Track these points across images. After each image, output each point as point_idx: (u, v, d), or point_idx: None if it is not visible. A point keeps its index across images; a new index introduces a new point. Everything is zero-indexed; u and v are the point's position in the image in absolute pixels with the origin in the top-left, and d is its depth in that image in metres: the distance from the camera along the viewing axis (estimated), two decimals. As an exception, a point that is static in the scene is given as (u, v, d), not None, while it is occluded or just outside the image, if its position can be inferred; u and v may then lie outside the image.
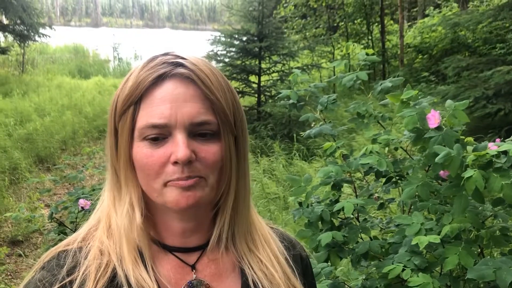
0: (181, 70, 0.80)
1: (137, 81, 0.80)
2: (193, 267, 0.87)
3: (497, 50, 9.72)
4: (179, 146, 0.77)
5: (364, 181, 2.32)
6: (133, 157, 0.82)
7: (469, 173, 1.40)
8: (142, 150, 0.80)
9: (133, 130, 0.81)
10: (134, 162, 0.82)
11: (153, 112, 0.78)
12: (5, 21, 15.01)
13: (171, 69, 0.80)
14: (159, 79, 0.80)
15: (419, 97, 1.75)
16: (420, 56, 12.95)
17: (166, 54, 0.84)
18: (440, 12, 14.82)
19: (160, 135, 0.79)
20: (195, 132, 0.80)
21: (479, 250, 1.77)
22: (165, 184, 0.79)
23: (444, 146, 1.53)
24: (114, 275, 0.81)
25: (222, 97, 0.81)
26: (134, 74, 0.82)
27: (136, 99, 0.80)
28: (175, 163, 0.78)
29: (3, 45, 15.33)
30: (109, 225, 0.86)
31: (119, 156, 0.84)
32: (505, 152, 1.48)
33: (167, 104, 0.78)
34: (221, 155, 0.81)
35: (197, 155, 0.79)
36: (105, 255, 0.83)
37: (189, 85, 0.80)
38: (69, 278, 0.80)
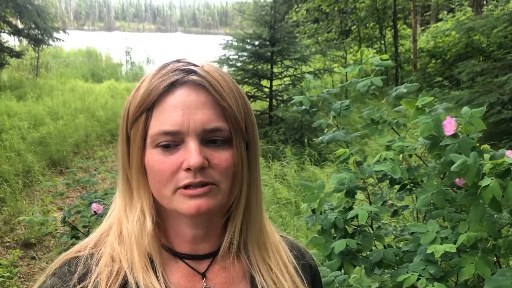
0: (193, 77, 0.80)
1: (149, 88, 0.81)
2: (203, 275, 0.87)
3: (512, 55, 9.61)
4: (191, 153, 0.77)
5: (377, 186, 2.29)
6: (145, 164, 0.82)
7: (486, 181, 1.38)
8: (154, 157, 0.80)
9: (146, 137, 0.81)
10: (146, 168, 0.82)
11: (165, 119, 0.79)
12: (20, 25, 15.22)
13: (183, 76, 0.80)
14: (171, 87, 0.80)
15: (434, 103, 1.73)
16: (433, 61, 12.86)
17: (177, 61, 0.84)
18: (453, 16, 14.71)
19: (172, 142, 0.79)
20: (207, 138, 0.80)
21: (495, 259, 1.74)
22: (176, 191, 0.79)
23: (460, 153, 1.51)
24: (125, 283, 0.81)
25: (233, 104, 0.81)
26: (146, 81, 0.82)
27: (148, 107, 0.80)
28: (188, 169, 0.78)
29: (18, 49, 15.53)
30: (120, 231, 0.86)
31: (131, 163, 0.84)
32: (523, 160, 1.45)
33: (179, 111, 0.78)
34: (234, 161, 0.81)
35: (210, 162, 0.79)
36: (116, 262, 0.82)
37: (201, 92, 0.80)
38: (80, 285, 0.80)
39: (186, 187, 0.79)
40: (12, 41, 16.17)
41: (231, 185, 0.82)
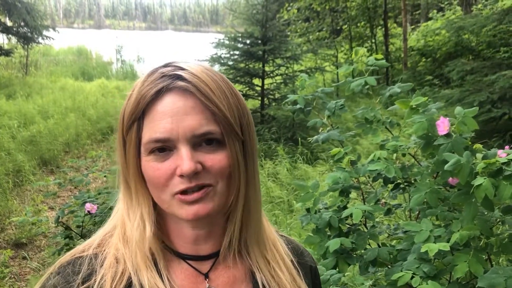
0: (179, 83, 0.80)
1: (138, 97, 0.81)
2: (206, 275, 0.88)
3: (501, 53, 9.70)
4: (183, 160, 0.77)
5: (369, 184, 2.31)
6: (142, 170, 0.83)
7: (479, 181, 1.40)
8: (149, 164, 0.80)
9: (139, 145, 0.82)
10: (144, 175, 0.83)
11: (155, 127, 0.79)
12: (9, 23, 15.07)
13: (169, 82, 0.80)
14: (159, 94, 0.80)
15: (428, 103, 1.74)
16: (423, 60, 12.95)
17: (166, 65, 0.84)
18: (443, 15, 14.82)
19: (166, 147, 0.80)
20: (200, 142, 0.80)
21: (486, 257, 1.76)
22: (173, 196, 0.80)
23: (454, 153, 1.53)
24: (129, 284, 0.81)
25: (224, 105, 0.80)
26: (136, 89, 0.82)
27: (138, 115, 0.81)
28: (182, 175, 0.78)
29: (6, 47, 15.36)
30: (124, 232, 0.87)
31: (128, 168, 0.85)
32: (515, 160, 1.47)
33: (167, 118, 0.78)
34: (228, 162, 0.81)
35: (204, 164, 0.79)
36: (121, 263, 0.83)
37: (188, 97, 0.79)
38: (84, 286, 0.80)
39: (182, 192, 0.79)
40: (0, 39, 16.01)
41: (227, 185, 0.82)
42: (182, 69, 0.81)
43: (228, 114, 0.80)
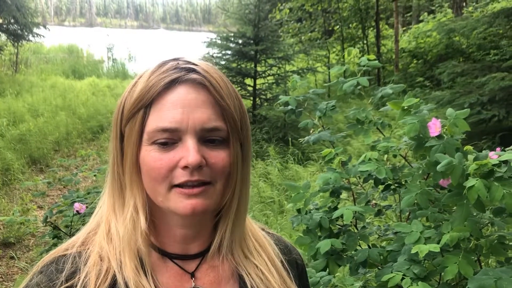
0: (193, 75, 0.80)
1: (148, 85, 0.80)
2: (192, 275, 0.87)
3: (491, 56, 9.79)
4: (189, 151, 0.77)
5: (359, 185, 2.31)
6: (140, 160, 0.81)
7: (471, 182, 1.40)
8: (150, 154, 0.79)
9: (142, 134, 0.80)
10: (141, 165, 0.81)
11: (164, 116, 0.78)
12: (-1, 20, 14.93)
13: (183, 74, 0.80)
14: (172, 84, 0.80)
15: (421, 104, 1.74)
16: (414, 61, 13.03)
17: (176, 59, 0.84)
18: (434, 17, 14.92)
19: (169, 139, 0.79)
20: (205, 138, 0.80)
21: (475, 258, 1.76)
22: (171, 188, 0.79)
23: (445, 154, 1.53)
24: (114, 282, 0.80)
25: (231, 104, 0.82)
26: (143, 78, 0.82)
27: (147, 103, 0.80)
28: (185, 167, 0.77)
29: (-4, 44, 15.23)
30: (108, 230, 0.85)
31: (124, 160, 0.83)
32: (505, 162, 1.48)
33: (178, 108, 0.78)
34: (230, 161, 0.81)
35: (207, 160, 0.79)
36: (105, 261, 0.82)
37: (201, 90, 0.80)
38: (68, 284, 0.79)
39: (182, 185, 0.78)
40: (-10, 37, 15.86)
41: (225, 185, 0.83)
42: (195, 64, 0.82)
43: (234, 114, 0.82)
